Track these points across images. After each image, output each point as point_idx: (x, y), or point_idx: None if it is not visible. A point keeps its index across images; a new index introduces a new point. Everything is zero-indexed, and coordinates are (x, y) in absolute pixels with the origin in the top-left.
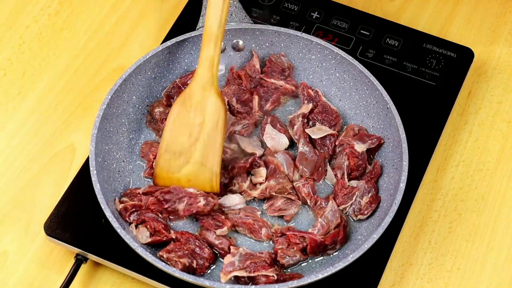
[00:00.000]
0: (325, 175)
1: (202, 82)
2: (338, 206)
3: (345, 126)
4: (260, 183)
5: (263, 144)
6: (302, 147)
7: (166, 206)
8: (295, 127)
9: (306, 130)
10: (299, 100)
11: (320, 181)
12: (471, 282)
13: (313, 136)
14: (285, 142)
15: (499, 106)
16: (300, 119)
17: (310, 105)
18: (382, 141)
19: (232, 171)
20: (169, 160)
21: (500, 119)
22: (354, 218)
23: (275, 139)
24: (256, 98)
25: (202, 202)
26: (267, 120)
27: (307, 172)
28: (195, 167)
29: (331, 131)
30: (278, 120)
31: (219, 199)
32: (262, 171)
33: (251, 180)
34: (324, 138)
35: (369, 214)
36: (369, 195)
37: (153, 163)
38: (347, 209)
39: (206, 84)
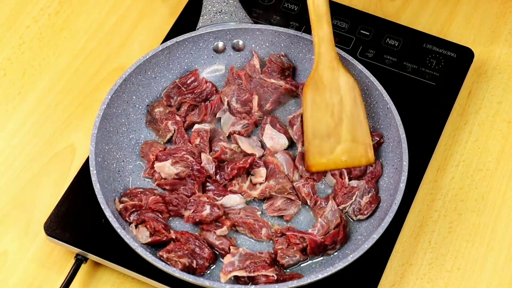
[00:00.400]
0: (325, 176)
1: (327, 62)
2: (338, 205)
3: None
4: (260, 183)
5: (263, 145)
6: (302, 148)
7: (170, 208)
8: (295, 127)
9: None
10: (299, 100)
11: (320, 181)
12: (471, 282)
13: None
14: (284, 142)
15: (499, 106)
16: (300, 119)
17: None
18: (382, 140)
19: (232, 171)
20: (319, 144)
21: (500, 119)
22: (354, 218)
23: (275, 140)
24: (255, 98)
25: (207, 211)
26: (266, 120)
27: (307, 173)
28: (347, 145)
29: None
30: (278, 120)
31: (221, 201)
32: (262, 171)
33: (251, 180)
34: None
35: (368, 214)
36: (369, 195)
37: (153, 163)
38: (347, 208)
39: (332, 63)
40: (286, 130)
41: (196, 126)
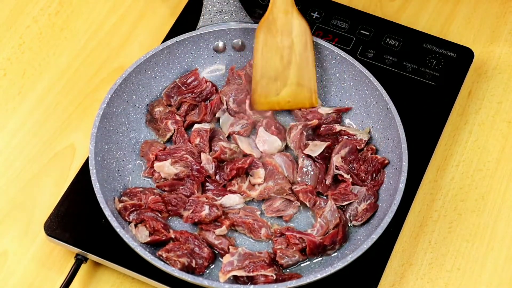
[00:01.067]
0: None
1: (283, 5)
2: (335, 201)
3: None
4: (259, 184)
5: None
6: (302, 162)
7: (170, 208)
8: (292, 134)
9: (305, 152)
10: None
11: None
12: (471, 282)
13: (313, 155)
14: (277, 144)
15: (499, 106)
16: (300, 127)
17: (316, 121)
18: (387, 161)
19: (231, 171)
20: (266, 85)
21: (500, 119)
22: (349, 223)
23: (267, 142)
24: (247, 101)
25: (206, 211)
26: (262, 123)
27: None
28: (292, 88)
29: (326, 144)
30: (275, 121)
31: (220, 201)
32: (261, 172)
33: (249, 180)
34: (322, 152)
35: (363, 221)
36: (367, 202)
37: (153, 163)
38: (345, 207)
39: (287, 6)
40: (282, 131)
41: (196, 125)
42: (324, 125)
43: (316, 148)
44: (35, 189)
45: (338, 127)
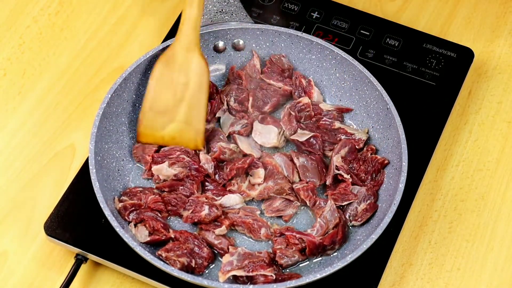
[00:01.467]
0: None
1: (186, 42)
2: (334, 201)
3: (366, 146)
4: (259, 184)
5: (261, 146)
6: (297, 160)
7: (169, 208)
8: (282, 116)
9: (292, 137)
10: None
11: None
12: (471, 282)
13: (300, 139)
14: (274, 131)
15: (499, 106)
16: (288, 107)
17: (306, 99)
18: (387, 161)
19: (231, 172)
20: (153, 118)
21: (500, 119)
22: (349, 223)
23: (263, 134)
24: (251, 98)
25: (205, 211)
26: (257, 118)
27: (317, 182)
28: (180, 125)
29: (313, 133)
30: (270, 116)
31: (220, 201)
32: (260, 172)
33: (249, 180)
34: (309, 139)
35: (362, 221)
36: (367, 203)
37: (151, 164)
38: (344, 207)
39: (190, 44)
40: (278, 121)
41: None
42: (323, 120)
43: (303, 135)
44: (35, 189)
45: (337, 124)
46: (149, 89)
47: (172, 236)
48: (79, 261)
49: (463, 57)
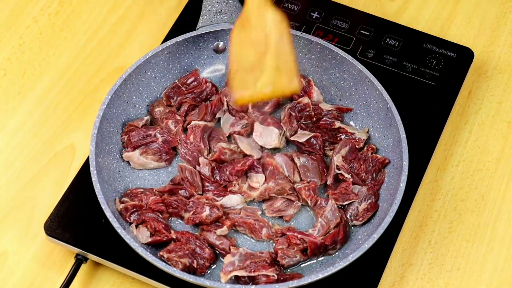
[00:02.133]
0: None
1: (255, 3)
2: (335, 200)
3: (367, 145)
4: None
5: (262, 146)
6: (298, 160)
7: (170, 210)
8: (282, 117)
9: (292, 138)
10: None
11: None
12: (471, 282)
13: (299, 140)
14: (275, 132)
15: (499, 106)
16: (288, 108)
17: (306, 99)
18: (388, 161)
19: (231, 173)
20: (242, 77)
21: (500, 119)
22: (350, 223)
23: (264, 134)
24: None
25: (206, 212)
26: (258, 118)
27: (318, 182)
28: (270, 72)
29: (313, 134)
30: (270, 116)
31: (221, 201)
32: (259, 177)
33: (249, 183)
34: (309, 140)
35: (363, 221)
36: (368, 202)
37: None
38: (345, 206)
39: (260, 2)
40: (279, 121)
41: (192, 122)
42: (324, 120)
43: (303, 136)
44: (35, 189)
45: (337, 124)
46: (232, 55)
47: (174, 237)
48: (79, 261)
49: (463, 57)
